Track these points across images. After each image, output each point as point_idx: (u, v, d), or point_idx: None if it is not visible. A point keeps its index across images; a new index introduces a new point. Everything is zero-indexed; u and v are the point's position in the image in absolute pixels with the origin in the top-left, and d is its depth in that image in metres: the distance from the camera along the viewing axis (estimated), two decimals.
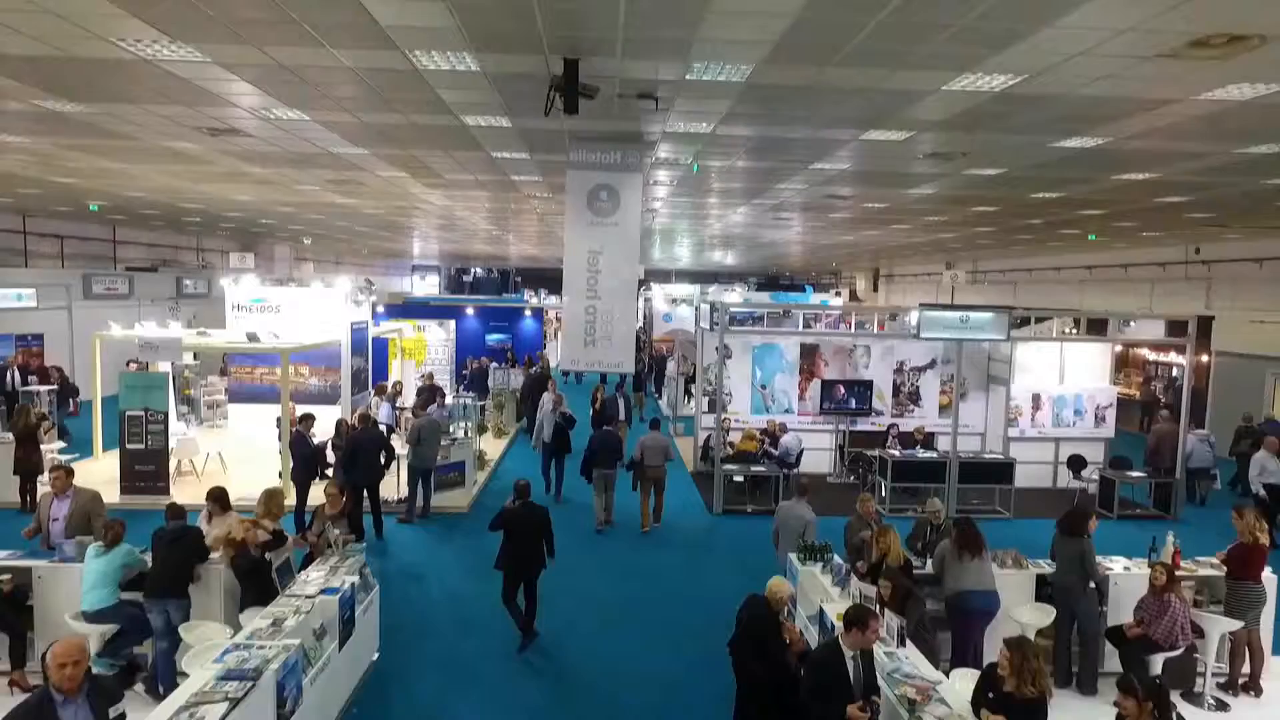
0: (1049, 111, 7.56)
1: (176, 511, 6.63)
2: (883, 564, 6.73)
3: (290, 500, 10.08)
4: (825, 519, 11.96)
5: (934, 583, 7.09)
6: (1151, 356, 22.53)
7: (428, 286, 58.40)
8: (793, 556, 7.32)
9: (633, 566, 10.21)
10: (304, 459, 10.50)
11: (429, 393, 15.53)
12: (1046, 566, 7.42)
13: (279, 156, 11.41)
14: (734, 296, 28.40)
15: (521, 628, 7.84)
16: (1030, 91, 6.91)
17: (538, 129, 9.19)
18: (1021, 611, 6.82)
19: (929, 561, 7.26)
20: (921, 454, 12.68)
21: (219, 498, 7.08)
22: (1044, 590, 7.25)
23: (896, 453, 12.62)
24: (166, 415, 11.95)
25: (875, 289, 46.30)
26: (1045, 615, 6.78)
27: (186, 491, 12.42)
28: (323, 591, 6.18)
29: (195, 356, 17.19)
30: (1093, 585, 7.09)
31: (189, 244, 31.13)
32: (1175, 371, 21.68)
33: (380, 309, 23.67)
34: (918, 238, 23.69)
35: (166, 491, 11.92)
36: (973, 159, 10.21)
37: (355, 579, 6.68)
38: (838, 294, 36.85)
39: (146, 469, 11.85)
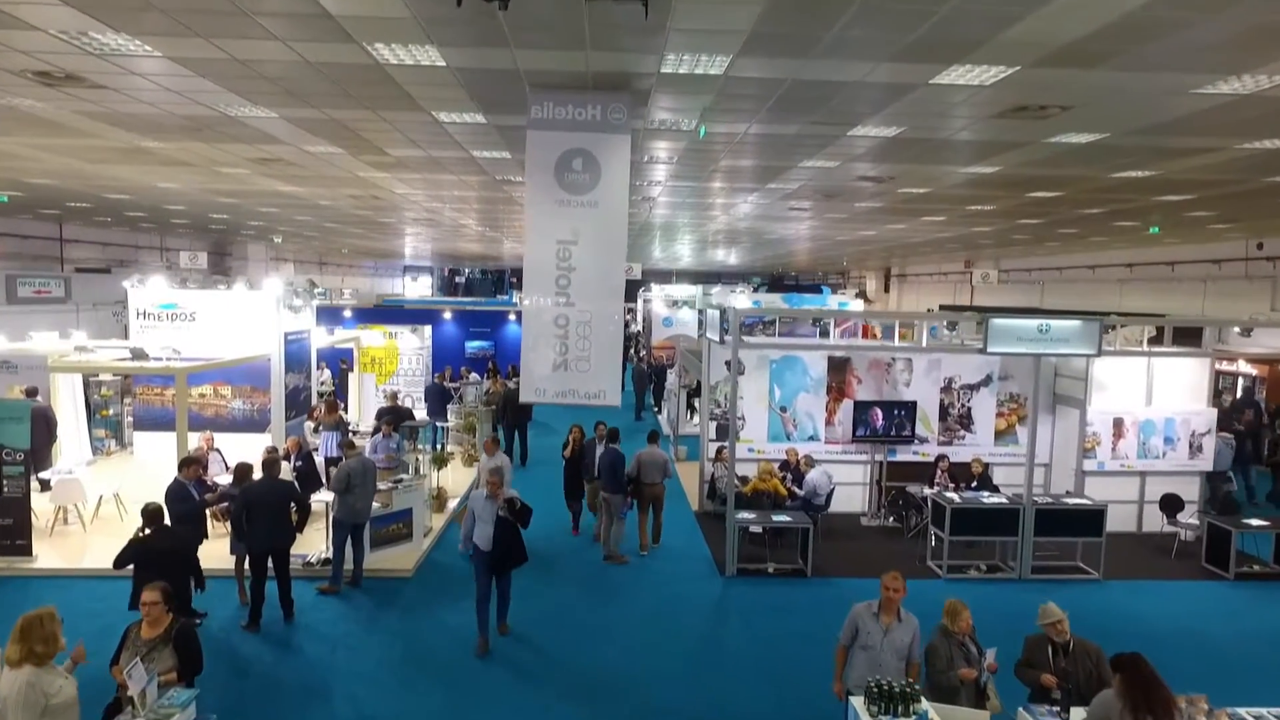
0: (1236, 21, 5.02)
1: None
2: None
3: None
4: (861, 581, 9.53)
5: None
6: (1216, 366, 19.94)
7: (420, 288, 55.99)
8: (857, 705, 4.75)
9: (612, 673, 7.49)
10: (184, 518, 7.92)
11: (393, 415, 12.99)
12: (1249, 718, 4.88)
13: (166, 122, 8.89)
14: (742, 299, 25.79)
15: None
16: None
17: (483, 71, 6.65)
18: None
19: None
20: (987, 498, 10.10)
21: None
22: None
23: (956, 496, 10.03)
24: (28, 454, 9.40)
25: (886, 290, 43.78)
26: None
27: (65, 550, 9.93)
28: None
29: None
30: None
31: (151, 244, 28.61)
32: (1242, 381, 19.17)
33: (348, 314, 21.19)
34: (947, 232, 21.13)
35: (28, 551, 9.39)
36: (1072, 117, 7.64)
37: None
38: (859, 295, 34.20)
39: (3, 523, 9.30)
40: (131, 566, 6.73)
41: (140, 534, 6.86)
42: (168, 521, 7.21)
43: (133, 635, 4.90)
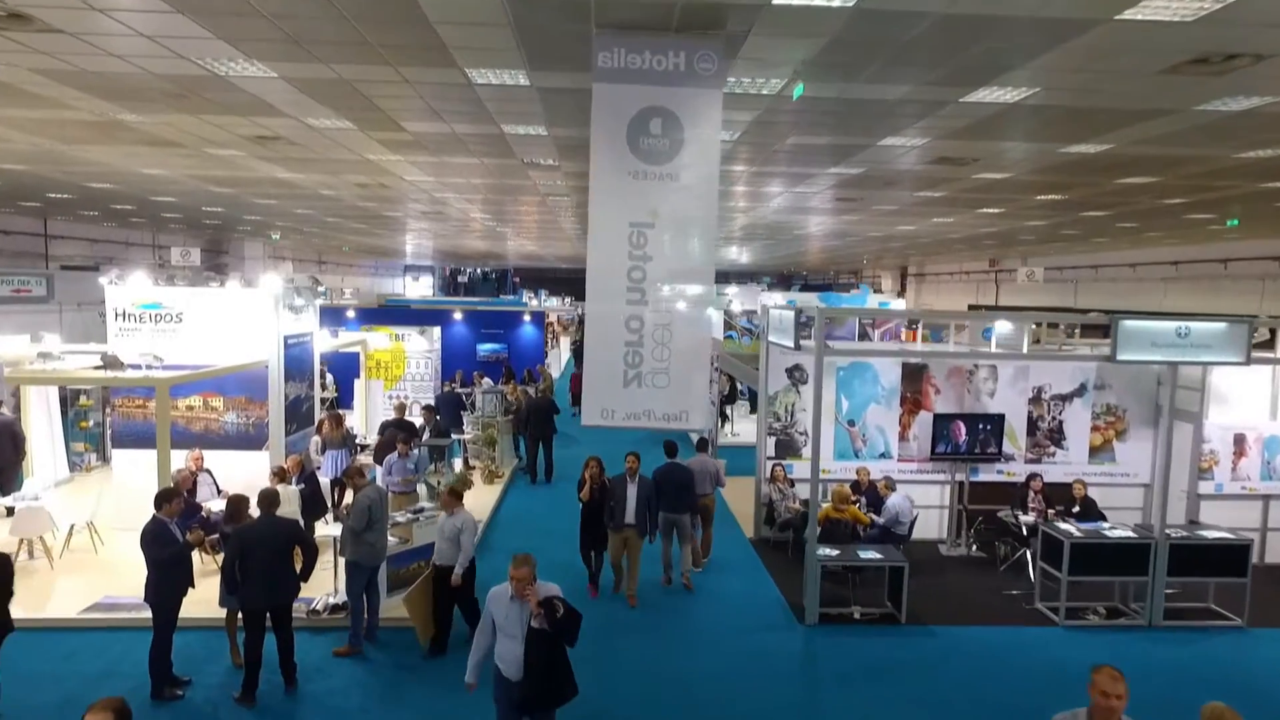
0: None
1: None
2: None
3: None
4: (964, 630, 8.12)
5: None
6: None
7: (421, 288, 54.58)
8: None
9: None
10: (165, 565, 6.43)
11: (403, 432, 11.41)
12: None
13: (143, 85, 7.42)
14: (775, 298, 24.40)
15: None
16: None
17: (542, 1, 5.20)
18: None
19: None
20: (1108, 529, 8.64)
21: None
22: None
23: (1074, 528, 8.56)
24: None
25: (903, 289, 42.43)
26: None
27: (24, 594, 8.29)
28: None
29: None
30: None
31: (143, 240, 27.15)
32: None
33: (351, 314, 19.72)
34: (994, 227, 19.71)
35: None
36: (1256, 73, 6.21)
37: None
38: (900, 294, 32.88)
39: None
40: None
41: None
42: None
43: None
